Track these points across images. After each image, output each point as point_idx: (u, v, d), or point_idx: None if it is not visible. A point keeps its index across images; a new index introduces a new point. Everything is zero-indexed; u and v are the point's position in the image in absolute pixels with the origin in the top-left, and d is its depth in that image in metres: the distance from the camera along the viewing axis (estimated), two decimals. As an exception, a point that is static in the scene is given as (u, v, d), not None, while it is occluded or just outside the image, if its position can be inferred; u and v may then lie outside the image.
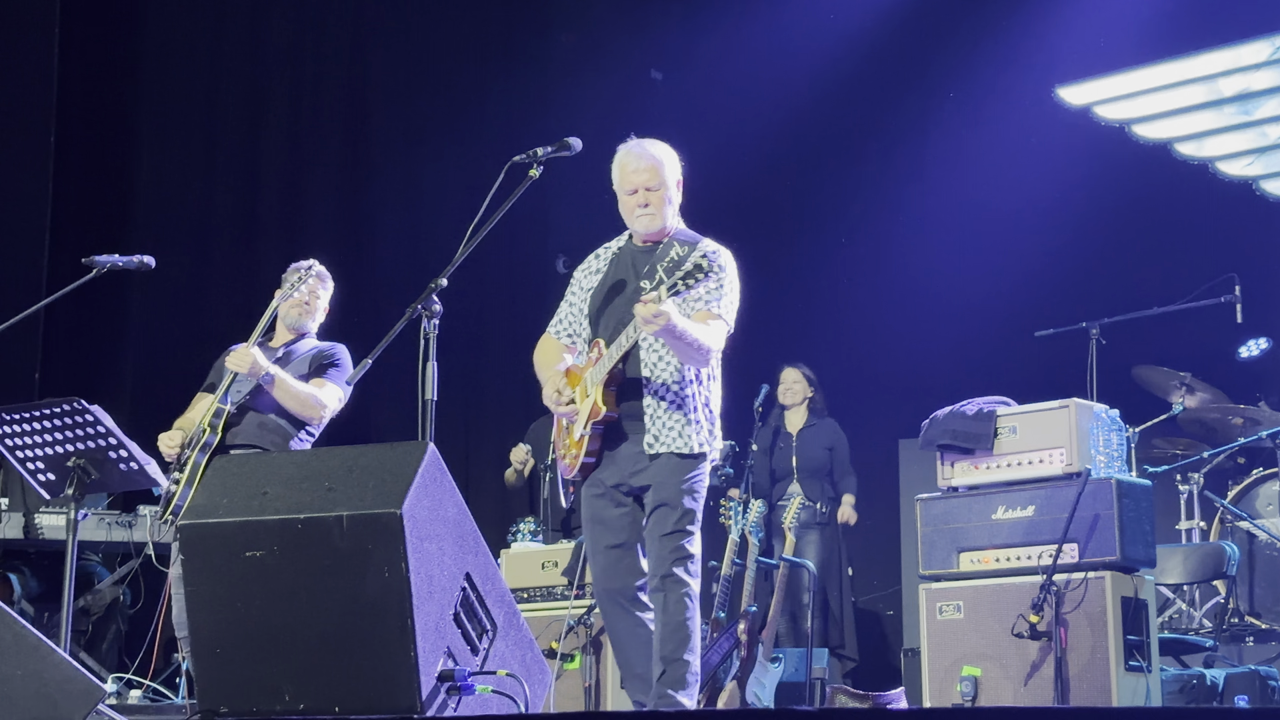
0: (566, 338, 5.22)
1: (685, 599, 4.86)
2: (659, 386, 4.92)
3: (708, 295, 4.93)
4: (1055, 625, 5.66)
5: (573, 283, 5.29)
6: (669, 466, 4.91)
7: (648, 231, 5.09)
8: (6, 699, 4.19)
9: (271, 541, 3.85)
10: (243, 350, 5.92)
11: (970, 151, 9.51)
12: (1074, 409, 5.96)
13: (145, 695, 7.25)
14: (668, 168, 5.12)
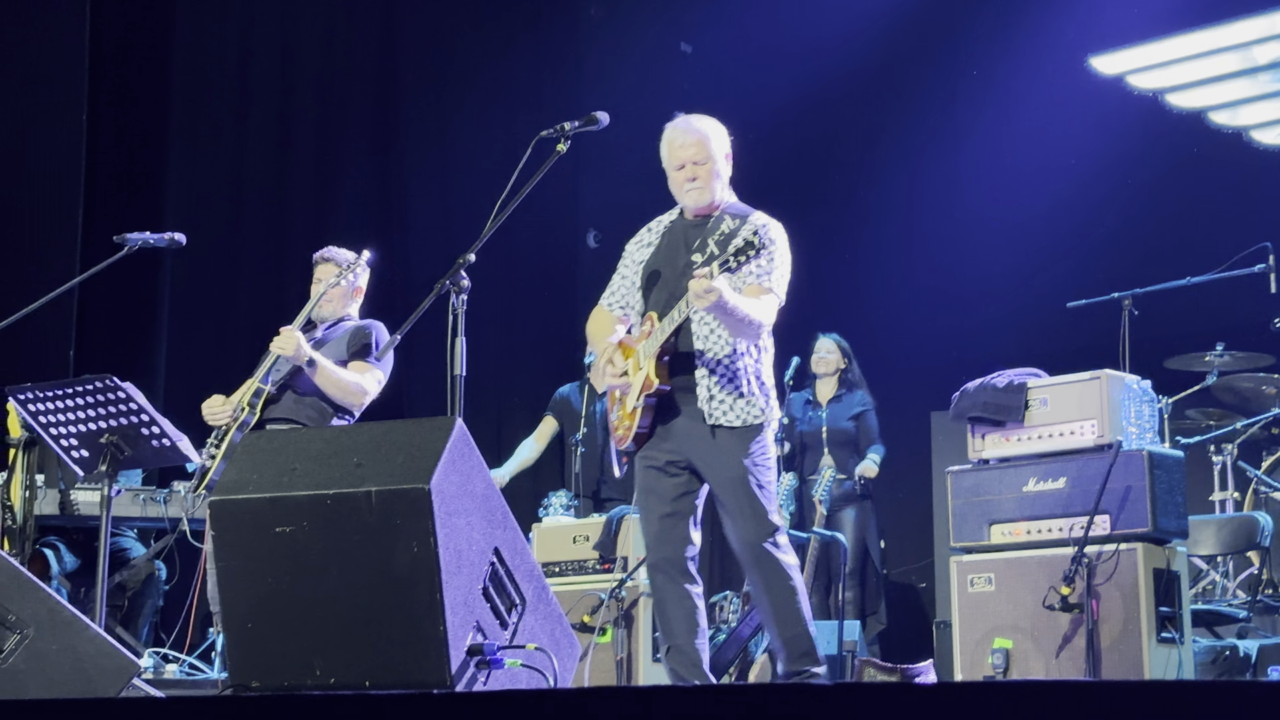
0: (619, 309, 5.24)
1: (785, 571, 4.88)
2: (711, 360, 4.93)
3: (759, 269, 4.94)
4: (1087, 597, 5.65)
5: (625, 255, 5.32)
6: (730, 442, 4.91)
7: (697, 206, 5.10)
8: (43, 674, 4.23)
9: (301, 517, 3.87)
10: (287, 334, 5.94)
11: (1003, 122, 9.46)
12: (1106, 380, 5.93)
13: (181, 669, 7.31)
14: (714, 142, 5.12)
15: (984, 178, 9.45)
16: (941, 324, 9.33)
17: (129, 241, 6.20)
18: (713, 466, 4.94)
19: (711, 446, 4.92)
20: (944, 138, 9.71)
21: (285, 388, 6.07)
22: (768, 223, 5.06)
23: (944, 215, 9.60)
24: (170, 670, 7.22)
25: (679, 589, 4.98)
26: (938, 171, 9.65)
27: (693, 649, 4.95)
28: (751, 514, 4.88)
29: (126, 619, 7.87)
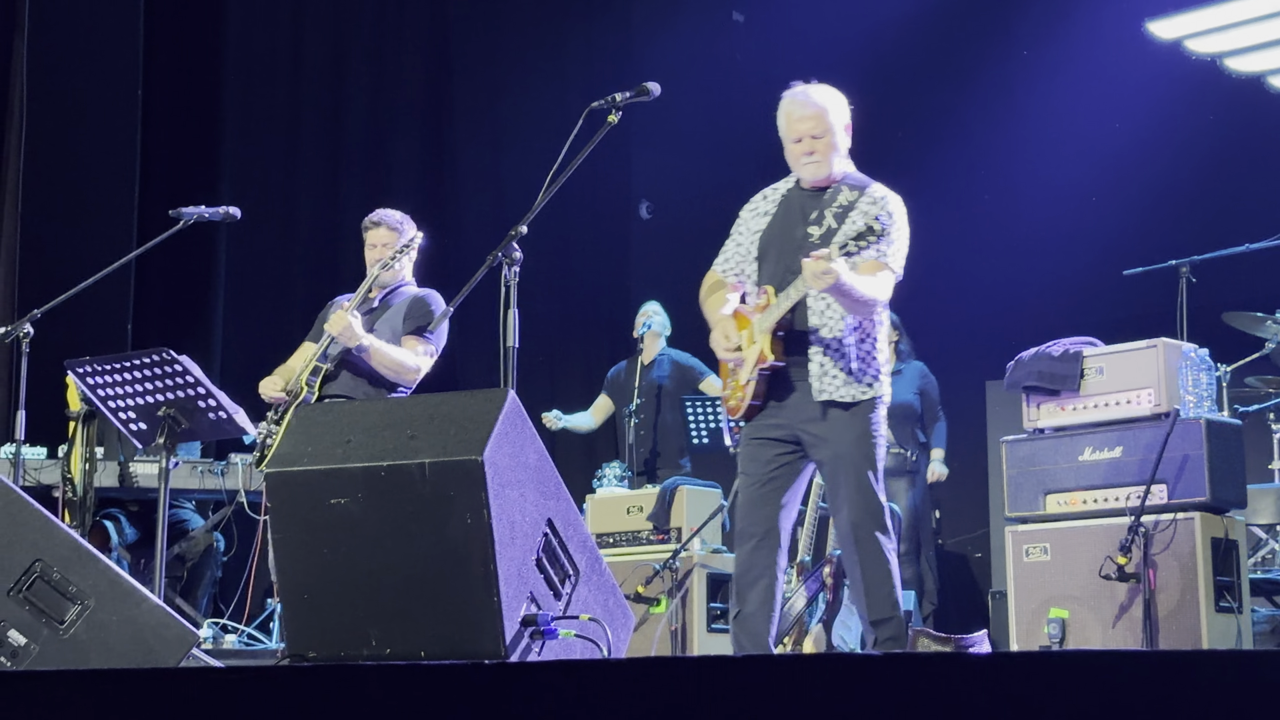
0: (733, 276, 5.20)
1: (884, 554, 4.85)
2: (825, 337, 4.90)
3: (878, 245, 4.90)
4: (1144, 567, 5.62)
5: (739, 222, 5.26)
6: (840, 419, 4.88)
7: (814, 179, 5.05)
8: (103, 644, 4.28)
9: (356, 489, 3.89)
10: (340, 316, 5.93)
11: (1059, 89, 9.38)
12: (1162, 348, 5.88)
13: (240, 640, 7.39)
14: (833, 113, 5.06)
15: (1040, 145, 9.37)
16: (996, 293, 9.27)
17: (184, 216, 6.25)
18: (821, 443, 4.90)
19: (821, 423, 4.89)
20: (999, 106, 9.63)
21: (342, 365, 6.10)
22: (886, 195, 5.00)
23: (1000, 184, 9.53)
24: (229, 640, 7.30)
25: (761, 560, 4.95)
26: (993, 140, 9.58)
27: (762, 622, 4.93)
28: (857, 492, 4.85)
29: (185, 590, 7.96)
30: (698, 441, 8.21)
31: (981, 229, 9.51)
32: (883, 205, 4.92)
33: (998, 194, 9.52)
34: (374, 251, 6.32)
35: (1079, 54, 9.31)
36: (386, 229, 6.32)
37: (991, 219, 9.50)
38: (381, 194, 9.46)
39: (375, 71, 10.40)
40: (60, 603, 4.25)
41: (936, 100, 9.88)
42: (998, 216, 9.49)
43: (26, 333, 5.97)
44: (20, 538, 4.26)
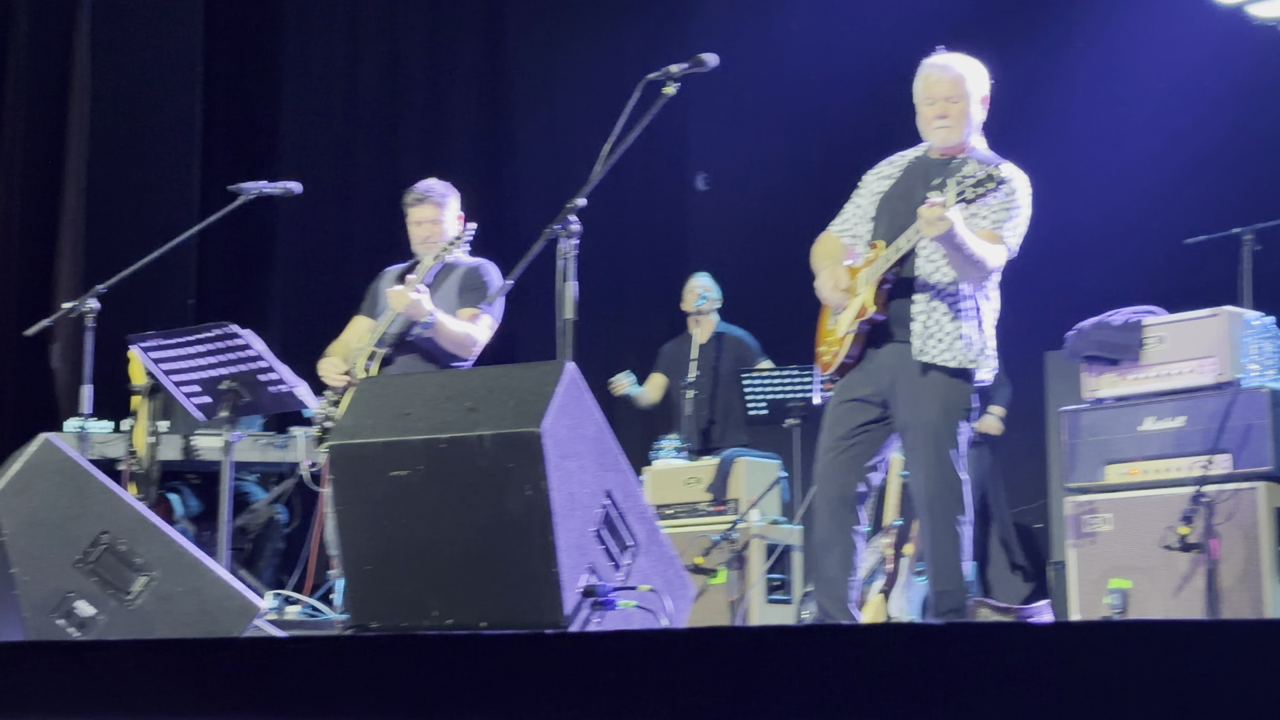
0: (849, 238, 5.15)
1: (956, 526, 4.83)
2: (931, 295, 4.85)
3: (995, 216, 4.86)
4: (1206, 537, 5.57)
5: (861, 185, 5.22)
6: (938, 383, 4.83)
7: (944, 145, 5.01)
8: (169, 614, 4.34)
9: (416, 461, 3.92)
10: (404, 291, 5.88)
11: (1116, 55, 9.27)
12: (1225, 317, 5.83)
13: (302, 611, 7.45)
14: (971, 82, 5.04)
15: (1098, 113, 9.28)
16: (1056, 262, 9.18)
17: (245, 191, 6.29)
18: (911, 406, 4.84)
19: (916, 385, 4.83)
20: (1056, 73, 9.54)
21: (400, 346, 6.07)
22: (1015, 173, 4.97)
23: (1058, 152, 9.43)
24: (291, 612, 7.37)
25: (839, 525, 4.92)
26: (1050, 108, 9.49)
27: (844, 585, 4.91)
28: (938, 462, 4.82)
29: (248, 562, 8.04)
30: (754, 413, 8.21)
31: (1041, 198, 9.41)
32: (1009, 176, 4.87)
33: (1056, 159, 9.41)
34: (419, 230, 6.22)
35: (1138, 20, 9.20)
36: (431, 205, 6.22)
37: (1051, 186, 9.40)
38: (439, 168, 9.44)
39: (432, 45, 10.42)
40: (127, 574, 4.32)
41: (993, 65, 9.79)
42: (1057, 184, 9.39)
43: (91, 308, 6.04)
44: (87, 510, 4.32)
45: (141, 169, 9.07)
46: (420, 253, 6.22)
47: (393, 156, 10.11)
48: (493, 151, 10.47)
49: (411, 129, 10.22)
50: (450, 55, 10.45)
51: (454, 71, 10.45)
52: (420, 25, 10.38)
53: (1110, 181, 9.07)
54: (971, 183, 4.58)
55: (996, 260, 4.84)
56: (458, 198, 6.32)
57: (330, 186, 9.64)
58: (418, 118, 10.23)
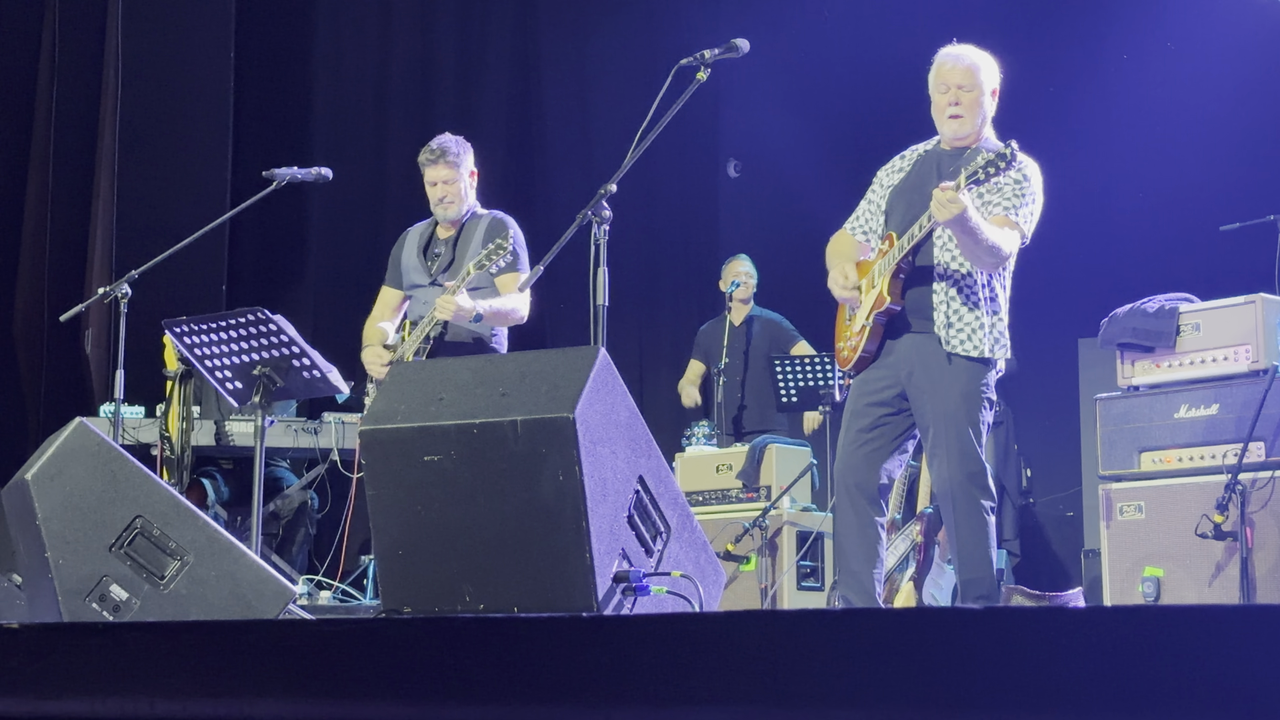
0: (862, 235, 5.19)
1: (980, 515, 4.84)
2: (949, 284, 4.87)
3: (1006, 202, 4.86)
4: (1241, 525, 5.54)
5: (875, 181, 5.25)
6: (960, 373, 4.85)
7: (956, 135, 5.03)
8: (202, 599, 4.36)
9: (449, 446, 3.92)
10: (448, 300, 5.85)
11: (1152, 41, 9.22)
12: (1261, 304, 5.79)
13: (334, 596, 7.48)
14: (984, 73, 5.05)
15: (1133, 98, 9.23)
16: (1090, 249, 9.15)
17: (277, 177, 6.31)
18: (932, 396, 4.86)
19: (938, 374, 4.85)
20: (1092, 56, 9.49)
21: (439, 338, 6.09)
22: (1028, 161, 4.96)
23: (1092, 138, 9.39)
24: (324, 597, 7.40)
25: (862, 516, 4.95)
26: (1086, 94, 9.45)
27: (868, 576, 4.95)
28: (959, 451, 4.82)
29: (281, 547, 8.08)
30: (786, 401, 8.19)
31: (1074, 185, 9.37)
32: (1020, 168, 4.87)
33: (1091, 148, 9.38)
34: (434, 190, 6.27)
35: (1175, 6, 9.14)
36: (445, 165, 6.26)
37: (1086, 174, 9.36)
38: (471, 153, 9.50)
39: (464, 31, 10.42)
40: (160, 558, 4.33)
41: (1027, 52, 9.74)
42: (1092, 171, 9.36)
43: (125, 293, 6.07)
44: (121, 494, 4.34)
45: (174, 155, 9.11)
46: (439, 215, 6.27)
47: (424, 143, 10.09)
48: (524, 138, 10.47)
49: (443, 115, 10.23)
50: (481, 42, 10.46)
51: (485, 58, 10.45)
52: (452, 11, 10.38)
53: (1146, 168, 9.02)
54: (983, 163, 4.59)
55: (1010, 246, 4.83)
56: (471, 153, 6.36)
57: (362, 172, 9.66)
58: (449, 103, 10.24)
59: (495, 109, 10.42)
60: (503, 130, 10.39)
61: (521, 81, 10.56)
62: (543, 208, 9.88)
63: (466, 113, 10.22)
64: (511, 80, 10.55)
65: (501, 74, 10.51)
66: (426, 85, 10.26)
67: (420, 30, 10.29)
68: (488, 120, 10.31)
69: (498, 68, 10.50)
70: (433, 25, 10.33)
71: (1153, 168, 8.97)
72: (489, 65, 10.46)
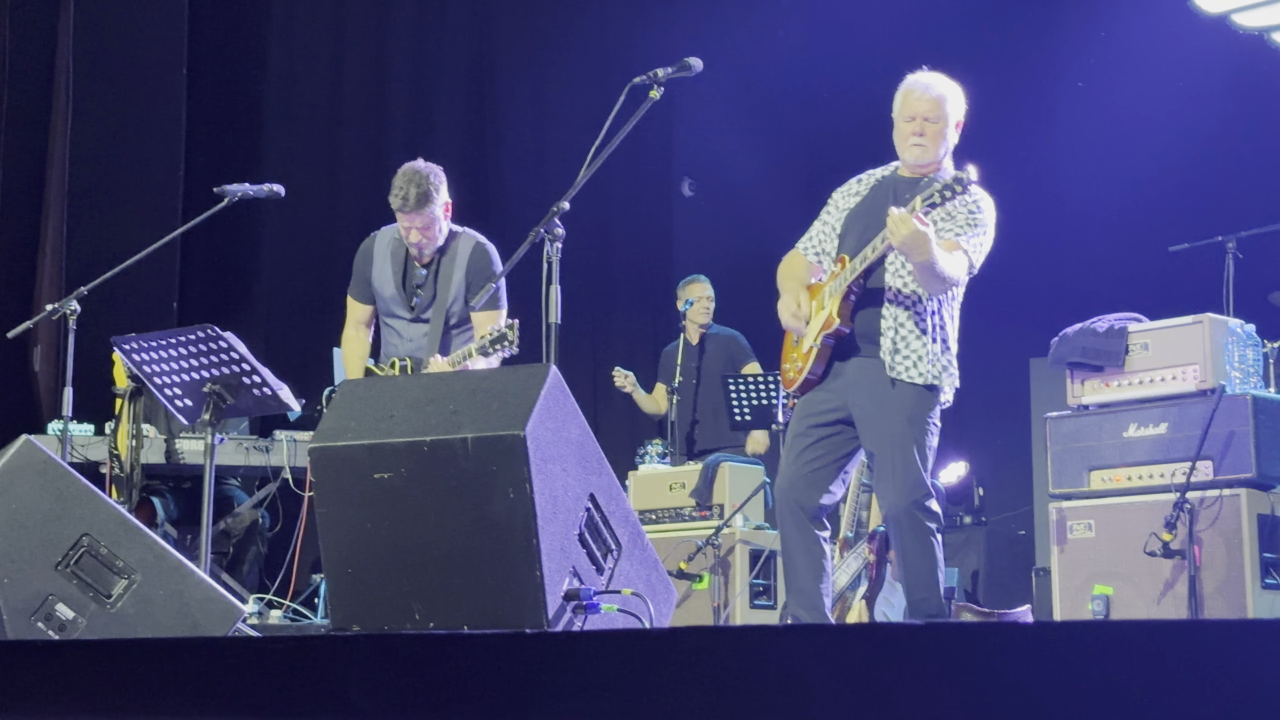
0: (814, 256, 5.20)
1: (926, 536, 4.85)
2: (898, 310, 4.88)
3: (958, 228, 4.89)
4: (1189, 543, 5.59)
5: (830, 203, 5.26)
6: (905, 398, 4.86)
7: (917, 162, 5.04)
8: (150, 618, 4.32)
9: (399, 464, 3.91)
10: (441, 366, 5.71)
11: (1103, 62, 9.31)
12: (1208, 324, 5.84)
13: (285, 615, 7.43)
14: (951, 104, 5.07)
15: (1084, 120, 9.31)
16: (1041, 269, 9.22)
17: (229, 193, 6.27)
18: (877, 420, 4.87)
19: (883, 399, 4.86)
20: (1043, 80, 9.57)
21: None
22: (982, 193, 5.00)
23: (1042, 158, 9.47)
24: (274, 616, 7.35)
25: (806, 535, 4.97)
26: (1037, 114, 9.52)
27: (816, 594, 4.97)
28: (905, 473, 4.84)
29: (231, 565, 8.02)
30: (740, 419, 8.21)
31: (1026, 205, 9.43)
32: (975, 197, 4.92)
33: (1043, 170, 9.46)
34: (410, 236, 5.99)
35: (1124, 29, 9.23)
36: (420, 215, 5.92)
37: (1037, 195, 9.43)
38: (424, 171, 9.49)
39: (417, 47, 10.41)
40: (107, 577, 4.29)
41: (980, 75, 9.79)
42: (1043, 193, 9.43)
43: (73, 310, 6.02)
44: (68, 512, 4.30)
45: (125, 170, 9.05)
46: (413, 254, 6.05)
47: (377, 159, 10.08)
48: (478, 155, 10.47)
49: (396, 131, 10.21)
50: (435, 59, 10.45)
51: (439, 74, 10.45)
52: (406, 28, 10.37)
53: (1095, 189, 9.10)
54: (939, 187, 4.62)
55: (958, 272, 4.86)
56: (445, 184, 6.02)
57: (315, 189, 9.62)
58: (402, 120, 10.22)
59: (449, 126, 10.41)
60: (457, 147, 10.38)
61: (476, 99, 10.57)
62: (497, 225, 9.85)
63: (420, 130, 10.21)
64: (466, 97, 10.55)
65: (456, 91, 10.51)
66: (380, 102, 10.24)
67: (374, 46, 10.28)
68: (442, 137, 10.30)
69: (452, 84, 10.49)
70: (387, 42, 10.31)
71: (1103, 190, 9.06)
72: (443, 82, 10.45)
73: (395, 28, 10.34)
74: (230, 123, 9.65)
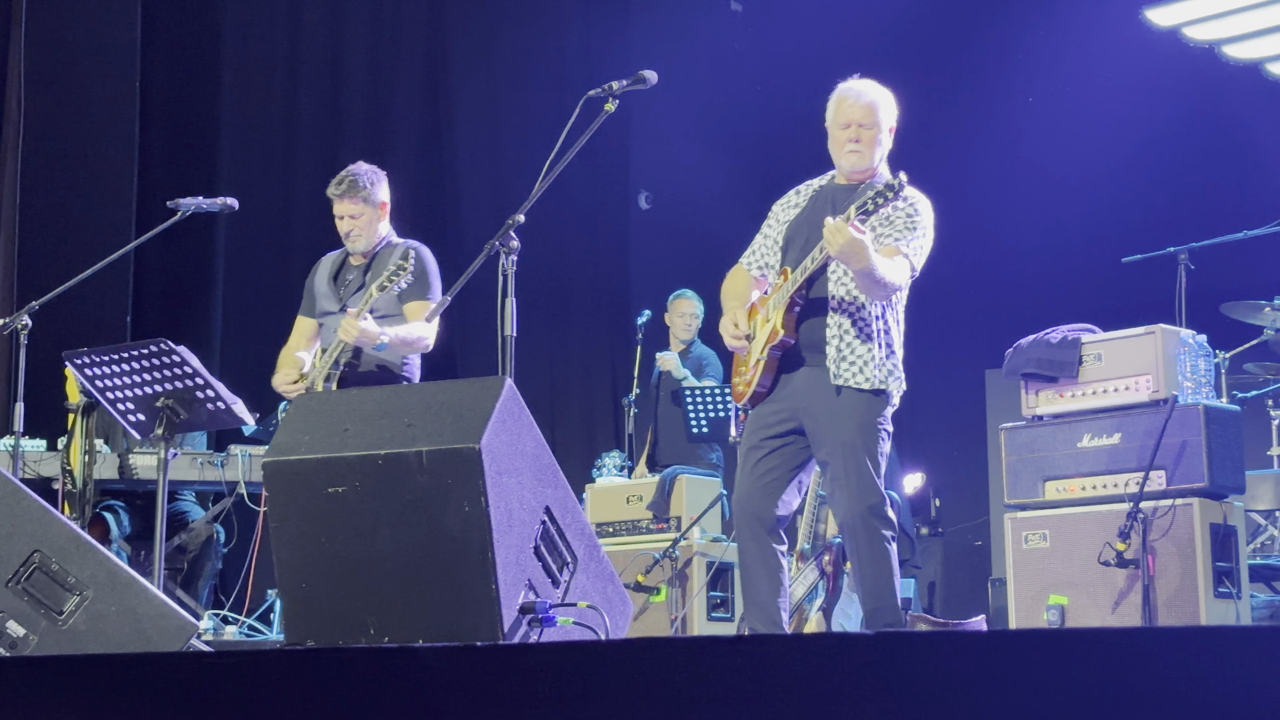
0: (757, 270, 5.21)
1: (882, 544, 4.85)
2: (842, 317, 4.90)
3: (896, 233, 4.91)
4: (1143, 553, 5.62)
5: (770, 216, 5.28)
6: (853, 405, 4.87)
7: (854, 169, 5.06)
8: (102, 634, 4.29)
9: (353, 477, 3.89)
10: (352, 324, 5.80)
11: (1056, 76, 9.38)
12: (1160, 335, 5.88)
13: (241, 631, 7.39)
14: (884, 110, 5.09)
15: (1037, 132, 9.37)
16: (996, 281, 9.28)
17: (182, 207, 6.24)
18: (828, 429, 4.88)
19: (832, 407, 4.87)
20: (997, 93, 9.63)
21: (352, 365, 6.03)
22: (917, 196, 5.02)
23: (998, 172, 9.53)
24: (229, 632, 7.30)
25: (764, 548, 4.98)
26: (991, 126, 9.58)
27: (774, 607, 4.97)
28: (858, 481, 4.84)
29: (186, 581, 7.96)
30: (697, 431, 8.21)
31: (980, 216, 9.51)
32: (910, 200, 4.95)
33: (996, 182, 9.52)
34: (343, 224, 6.15)
35: (1076, 42, 9.31)
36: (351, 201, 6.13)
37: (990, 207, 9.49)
38: (380, 185, 9.47)
39: (372, 60, 10.39)
40: (59, 593, 4.26)
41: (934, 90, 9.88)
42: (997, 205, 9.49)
43: (25, 324, 5.97)
44: (19, 529, 4.26)
45: (77, 183, 8.99)
46: (348, 247, 6.18)
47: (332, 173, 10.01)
48: (434, 168, 10.45)
49: (351, 144, 10.17)
50: (391, 71, 10.43)
51: (394, 87, 10.43)
52: (361, 39, 10.35)
53: (1049, 202, 9.16)
54: (872, 194, 4.66)
55: (900, 277, 4.88)
56: (384, 183, 6.22)
57: (269, 202, 9.58)
58: (357, 134, 10.19)
59: (405, 138, 10.39)
60: (413, 160, 10.36)
61: (432, 111, 10.55)
62: (454, 238, 9.86)
63: (376, 142, 10.18)
64: (421, 110, 10.53)
65: (411, 103, 10.49)
66: (335, 114, 10.21)
67: (328, 60, 10.25)
68: (398, 149, 10.28)
69: (408, 96, 10.47)
70: (342, 54, 10.28)
71: (1057, 202, 9.12)
72: (399, 94, 10.43)
73: (350, 40, 10.31)
74: (184, 136, 9.60)
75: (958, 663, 1.61)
